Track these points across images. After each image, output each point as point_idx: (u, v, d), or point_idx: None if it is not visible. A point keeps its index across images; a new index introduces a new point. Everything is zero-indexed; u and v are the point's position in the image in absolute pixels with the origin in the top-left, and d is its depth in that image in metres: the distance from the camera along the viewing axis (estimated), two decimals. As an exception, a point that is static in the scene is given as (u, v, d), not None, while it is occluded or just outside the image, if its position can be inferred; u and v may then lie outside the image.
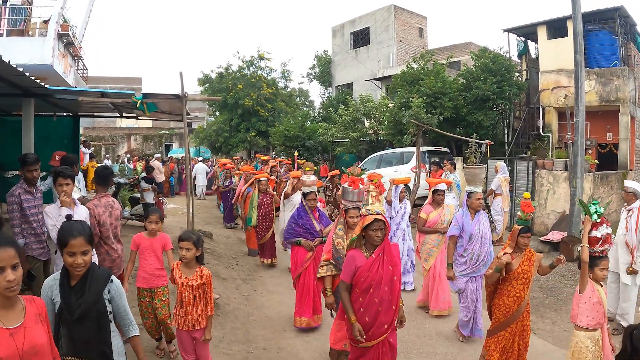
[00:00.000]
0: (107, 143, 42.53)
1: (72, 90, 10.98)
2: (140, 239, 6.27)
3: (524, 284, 5.85)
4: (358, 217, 6.04)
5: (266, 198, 12.20)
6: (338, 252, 6.06)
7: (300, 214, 7.87)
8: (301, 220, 7.81)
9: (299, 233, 7.76)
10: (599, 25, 18.04)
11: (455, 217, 7.56)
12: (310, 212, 7.84)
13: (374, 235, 4.95)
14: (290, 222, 8.01)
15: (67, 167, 5.70)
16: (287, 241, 8.03)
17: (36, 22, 17.22)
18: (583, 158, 12.80)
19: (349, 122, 23.10)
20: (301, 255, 7.70)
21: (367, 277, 4.91)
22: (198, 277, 5.30)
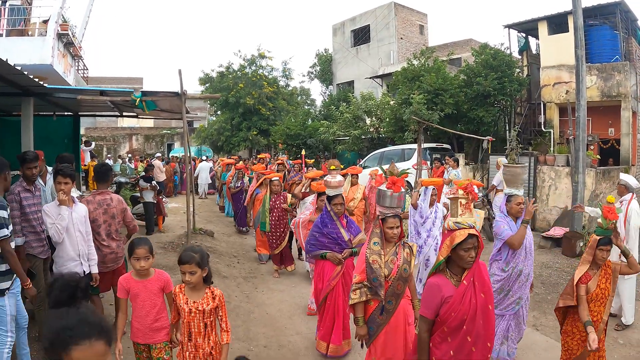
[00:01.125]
0: (109, 143, 42.55)
1: (71, 88, 10.97)
2: (129, 282, 4.81)
3: (601, 305, 5.15)
4: (397, 227, 5.13)
5: (279, 200, 11.02)
6: (374, 272, 4.99)
7: (324, 221, 6.72)
8: (326, 228, 6.67)
9: (324, 244, 6.64)
10: (599, 21, 18.01)
11: (498, 223, 6.31)
12: (336, 219, 6.70)
13: (466, 256, 4.00)
14: (313, 231, 6.83)
15: (67, 166, 5.69)
16: (310, 254, 6.90)
17: (36, 22, 17.23)
18: (585, 153, 12.76)
19: (350, 119, 23.08)
20: (328, 271, 6.58)
21: (458, 310, 3.96)
22: (209, 299, 4.49)
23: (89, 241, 5.79)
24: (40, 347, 5.78)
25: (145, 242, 4.78)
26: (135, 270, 4.75)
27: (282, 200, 11.04)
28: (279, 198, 11.03)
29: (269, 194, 11.11)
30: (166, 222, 14.84)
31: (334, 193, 6.86)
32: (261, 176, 12.33)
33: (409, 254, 5.16)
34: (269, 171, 13.06)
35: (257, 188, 12.01)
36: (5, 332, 4.90)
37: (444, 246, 4.12)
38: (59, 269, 5.53)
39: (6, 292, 4.88)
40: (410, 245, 5.28)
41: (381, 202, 5.33)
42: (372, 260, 5.03)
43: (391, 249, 5.11)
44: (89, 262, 5.73)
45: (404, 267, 5.04)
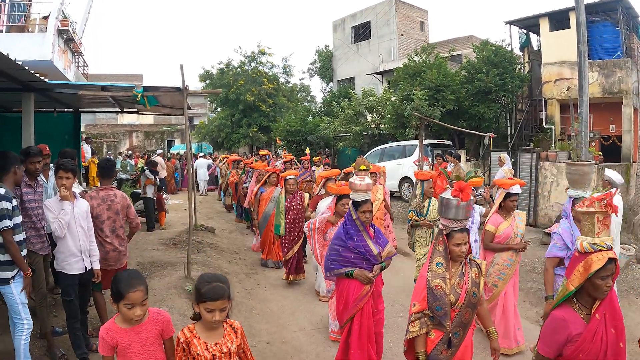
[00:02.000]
0: (109, 140, 42.48)
1: (72, 84, 10.92)
2: (114, 334, 3.56)
3: None
4: (466, 243, 4.40)
5: (295, 200, 10.00)
6: (438, 300, 4.25)
7: (349, 232, 5.61)
8: (352, 241, 5.55)
9: (349, 260, 5.56)
10: (601, 17, 18.00)
11: (559, 233, 5.67)
12: (363, 229, 5.59)
13: (602, 285, 3.33)
14: (335, 244, 5.74)
15: (69, 161, 5.65)
16: (331, 272, 5.74)
17: (36, 18, 17.18)
18: (587, 149, 12.73)
19: (351, 115, 23.04)
20: (354, 291, 5.55)
21: (589, 351, 3.35)
22: (231, 334, 3.58)
23: (91, 237, 5.75)
24: (41, 344, 5.76)
25: (139, 281, 3.56)
26: (127, 319, 3.55)
27: (299, 200, 10.06)
28: (295, 198, 10.04)
29: (284, 194, 10.10)
30: (167, 219, 14.83)
31: (362, 198, 5.72)
32: (263, 174, 11.71)
33: (477, 273, 4.48)
34: (273, 168, 12.42)
35: (261, 187, 11.30)
36: (21, 320, 4.92)
37: (575, 273, 3.43)
38: (60, 264, 5.49)
39: (11, 280, 4.87)
40: (478, 262, 4.58)
41: (445, 214, 4.63)
42: (436, 285, 4.29)
43: (457, 269, 4.42)
44: (90, 257, 5.69)
45: (473, 290, 4.36)
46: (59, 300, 6.64)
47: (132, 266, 8.91)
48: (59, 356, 5.56)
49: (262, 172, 12.02)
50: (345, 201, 6.79)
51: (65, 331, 5.84)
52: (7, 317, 5.03)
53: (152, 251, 10.72)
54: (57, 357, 5.55)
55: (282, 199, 10.03)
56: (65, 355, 5.58)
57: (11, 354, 4.99)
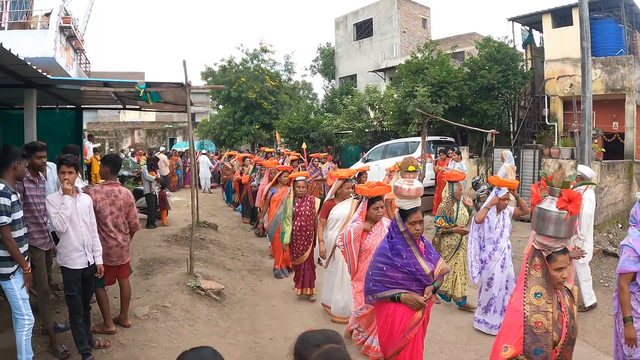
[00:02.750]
0: (111, 138, 42.53)
1: (75, 80, 10.94)
2: None
3: None
4: (567, 267, 3.68)
5: (305, 205, 8.79)
6: (539, 341, 3.50)
7: (396, 247, 4.66)
8: (399, 258, 4.60)
9: (397, 281, 4.62)
10: (604, 14, 17.96)
11: (630, 245, 4.79)
12: (414, 244, 4.68)
13: None
14: (379, 262, 4.78)
15: (71, 155, 5.62)
16: (374, 295, 4.77)
17: (38, 15, 17.19)
18: (590, 146, 12.71)
19: (354, 112, 23.00)
20: (402, 318, 4.61)
21: None
22: None
23: (94, 232, 5.73)
24: (44, 340, 5.75)
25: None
26: None
27: (309, 205, 8.82)
28: (305, 203, 8.81)
29: (292, 197, 8.83)
30: (169, 216, 14.82)
31: (412, 206, 4.86)
32: (274, 173, 11.02)
33: (571, 301, 3.84)
34: (285, 167, 11.33)
35: (272, 187, 10.42)
36: (22, 315, 4.91)
37: None
38: (63, 259, 5.48)
39: (11, 276, 4.86)
40: (570, 288, 3.92)
41: (543, 230, 3.80)
42: (536, 321, 3.54)
43: (554, 298, 3.67)
44: (93, 252, 5.68)
45: (572, 324, 3.71)
46: (61, 296, 6.64)
47: (134, 263, 8.94)
48: (61, 352, 5.54)
49: (274, 171, 11.46)
50: (379, 204, 6.04)
51: (67, 327, 5.83)
52: (10, 313, 5.02)
53: (154, 248, 10.74)
54: (60, 353, 5.54)
55: (290, 203, 8.78)
56: (68, 351, 5.57)
57: (14, 349, 4.98)
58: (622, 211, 15.99)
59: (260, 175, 13.75)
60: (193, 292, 7.72)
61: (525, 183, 15.11)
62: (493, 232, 7.18)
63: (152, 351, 6.02)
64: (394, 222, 4.86)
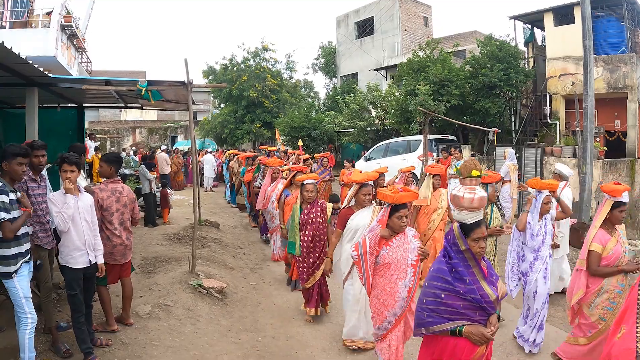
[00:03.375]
0: (113, 136, 42.57)
1: (76, 78, 10.94)
2: None
3: None
4: None
5: (314, 212, 7.55)
6: None
7: (457, 270, 3.93)
8: (461, 283, 3.88)
9: (457, 310, 3.89)
10: (606, 12, 17.96)
11: None
12: (476, 265, 3.97)
13: None
14: (436, 288, 3.99)
15: (73, 154, 5.61)
16: (429, 329, 4.00)
17: (39, 13, 17.20)
18: (592, 144, 12.69)
19: (356, 110, 23.00)
20: (462, 354, 3.91)
21: None
22: None
23: (95, 231, 5.72)
24: (46, 339, 5.75)
25: None
26: None
27: (319, 212, 7.62)
28: (314, 209, 7.61)
29: (299, 203, 7.71)
30: (171, 214, 14.81)
31: (474, 219, 4.10)
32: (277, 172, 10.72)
33: None
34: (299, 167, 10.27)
35: (285, 189, 9.54)
36: (25, 314, 4.89)
37: None
38: (64, 258, 5.47)
39: (14, 275, 4.85)
40: None
41: None
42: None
43: None
44: (95, 252, 5.67)
45: None
46: (63, 295, 6.64)
47: (136, 261, 8.94)
48: (63, 351, 5.54)
49: (277, 170, 11.04)
50: (404, 213, 5.11)
51: (69, 326, 5.82)
52: (12, 311, 5.01)
53: (156, 246, 10.73)
54: (62, 351, 5.53)
55: (297, 209, 7.66)
56: (70, 350, 5.56)
57: (17, 348, 4.98)
58: (624, 210, 15.94)
59: (263, 175, 12.83)
60: (195, 290, 7.71)
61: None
62: (535, 239, 6.48)
63: (154, 350, 6.02)
64: (452, 239, 4.05)
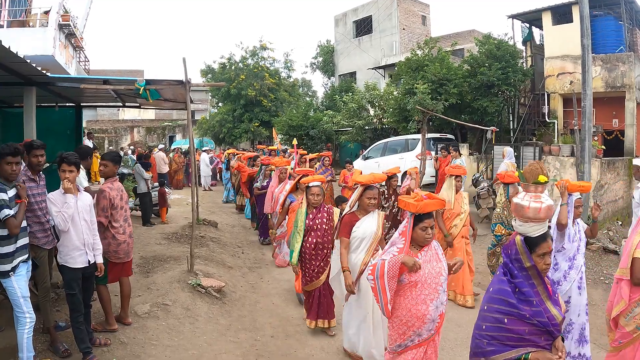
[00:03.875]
0: (110, 136, 42.52)
1: (74, 77, 10.92)
2: None
3: None
4: None
5: (320, 218, 6.94)
6: None
7: (521, 290, 3.50)
8: (527, 305, 3.45)
9: (522, 337, 3.47)
10: (604, 11, 17.97)
11: None
12: (541, 283, 3.55)
13: None
14: (497, 312, 3.57)
15: (73, 153, 5.61)
16: (488, 358, 3.60)
17: (37, 12, 17.18)
18: (591, 143, 12.70)
19: (354, 109, 23.00)
20: None
21: None
22: None
23: (94, 230, 5.74)
24: (44, 339, 5.75)
25: None
26: None
27: (326, 217, 6.98)
28: (321, 214, 6.99)
29: (304, 207, 7.04)
30: (169, 213, 14.81)
31: (540, 232, 3.66)
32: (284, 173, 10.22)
33: None
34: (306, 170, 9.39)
35: (290, 194, 8.91)
36: (23, 313, 4.90)
37: None
38: (63, 258, 5.47)
39: (11, 273, 4.85)
40: None
41: None
42: None
43: None
44: (94, 251, 5.68)
45: None
46: (62, 295, 6.64)
47: (135, 261, 8.93)
48: (62, 350, 5.54)
49: (284, 171, 10.50)
50: (429, 223, 4.41)
51: (68, 325, 5.83)
52: (11, 311, 5.01)
53: (154, 245, 10.74)
54: (60, 351, 5.53)
55: (302, 214, 6.99)
56: (69, 350, 5.57)
57: (16, 348, 4.98)
58: (622, 208, 15.99)
59: (264, 176, 12.42)
60: (193, 289, 7.71)
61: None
62: (572, 244, 5.91)
63: (152, 349, 6.02)
64: (514, 254, 3.63)
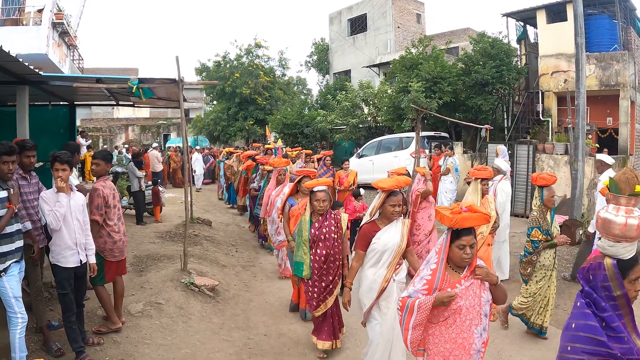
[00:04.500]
0: (105, 134, 42.39)
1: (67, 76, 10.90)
2: None
3: None
4: None
5: (327, 226, 6.13)
6: None
7: (610, 325, 2.95)
8: (618, 342, 2.93)
9: None
10: (598, 10, 18.00)
11: None
12: (629, 313, 3.03)
13: None
14: (580, 352, 3.03)
15: (65, 152, 5.60)
16: None
17: (30, 11, 17.12)
18: (584, 141, 12.73)
19: (348, 108, 23.00)
20: None
21: None
22: None
23: (87, 230, 5.72)
24: (37, 339, 5.74)
25: None
26: None
27: (334, 225, 6.19)
28: (328, 222, 6.19)
29: (308, 214, 6.37)
30: (163, 212, 14.78)
31: (632, 252, 3.09)
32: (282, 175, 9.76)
33: None
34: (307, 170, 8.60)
35: (290, 197, 7.93)
36: (15, 313, 4.90)
37: None
38: (55, 257, 5.46)
39: (2, 274, 4.84)
40: None
41: None
42: None
43: None
44: (86, 251, 5.67)
45: None
46: (54, 294, 6.63)
47: (129, 259, 8.92)
48: (54, 350, 5.53)
49: (282, 172, 9.87)
50: (467, 241, 3.63)
51: (61, 325, 5.82)
52: (3, 311, 5.00)
53: (148, 244, 10.72)
54: (53, 350, 5.53)
55: (306, 222, 6.32)
56: (62, 349, 5.56)
57: (8, 348, 4.98)
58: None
59: (262, 176, 11.78)
60: (187, 288, 7.70)
61: (519, 178, 15.16)
62: None
63: (145, 348, 6.01)
64: (602, 280, 3.04)
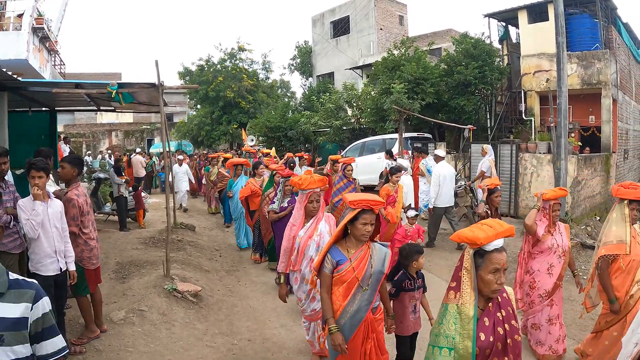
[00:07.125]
0: (88, 140, 42.17)
1: (46, 81, 10.80)
2: None
3: None
4: None
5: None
6: None
7: None
8: None
9: None
10: (579, 9, 18.11)
11: None
12: None
13: None
14: None
15: (41, 159, 5.53)
16: None
17: (10, 16, 16.92)
18: (567, 140, 12.79)
19: (332, 110, 22.98)
20: None
21: None
22: None
23: (66, 238, 5.64)
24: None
25: None
26: None
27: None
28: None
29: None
30: (147, 217, 14.69)
31: None
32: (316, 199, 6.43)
33: None
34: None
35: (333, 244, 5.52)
36: None
37: None
38: (34, 266, 5.38)
39: None
40: None
41: None
42: None
43: None
44: (65, 259, 5.59)
45: None
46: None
47: (111, 266, 8.85)
48: (35, 358, 5.45)
49: (316, 196, 6.59)
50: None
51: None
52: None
53: (131, 250, 10.62)
54: (34, 359, 5.45)
55: None
56: (42, 358, 5.48)
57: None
58: (600, 204, 16.14)
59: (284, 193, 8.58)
60: (170, 294, 7.63)
61: (503, 178, 15.20)
62: None
63: (128, 356, 5.94)
64: None
